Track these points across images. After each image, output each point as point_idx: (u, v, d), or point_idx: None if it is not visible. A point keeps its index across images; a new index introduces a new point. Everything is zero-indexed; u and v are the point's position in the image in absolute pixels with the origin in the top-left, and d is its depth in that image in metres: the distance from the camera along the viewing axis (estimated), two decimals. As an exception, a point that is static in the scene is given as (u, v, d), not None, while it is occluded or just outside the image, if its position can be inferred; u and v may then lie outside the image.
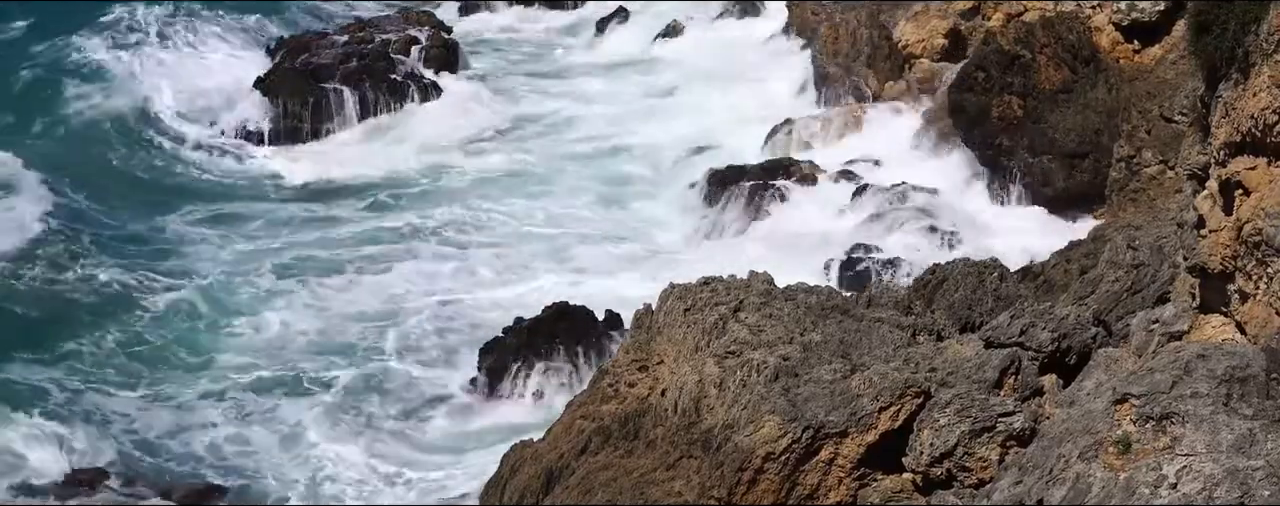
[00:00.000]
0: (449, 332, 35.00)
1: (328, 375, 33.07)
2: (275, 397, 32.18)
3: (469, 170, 45.06)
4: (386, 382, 32.87)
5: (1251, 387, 12.69)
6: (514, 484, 22.90)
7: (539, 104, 50.24)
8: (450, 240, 40.12)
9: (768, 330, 20.84)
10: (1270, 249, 14.37)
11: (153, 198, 42.64)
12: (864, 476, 18.60)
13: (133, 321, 35.23)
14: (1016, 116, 38.49)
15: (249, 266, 38.16)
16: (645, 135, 46.68)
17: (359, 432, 30.97)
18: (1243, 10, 14.74)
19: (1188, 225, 16.35)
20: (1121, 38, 37.84)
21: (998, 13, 41.14)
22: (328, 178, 44.57)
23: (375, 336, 34.74)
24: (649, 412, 21.43)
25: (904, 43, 43.17)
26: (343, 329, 35.17)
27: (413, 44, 51.65)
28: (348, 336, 34.86)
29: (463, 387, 32.61)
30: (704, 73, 50.51)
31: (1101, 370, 16.87)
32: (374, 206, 42.56)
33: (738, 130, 45.01)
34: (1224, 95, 15.08)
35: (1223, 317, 15.80)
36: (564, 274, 37.81)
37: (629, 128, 47.44)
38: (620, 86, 51.64)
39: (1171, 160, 30.60)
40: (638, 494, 20.02)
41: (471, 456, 30.09)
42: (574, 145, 46.69)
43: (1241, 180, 14.81)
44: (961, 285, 23.63)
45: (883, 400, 18.51)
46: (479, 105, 49.52)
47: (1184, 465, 12.07)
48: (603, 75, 52.92)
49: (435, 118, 48.35)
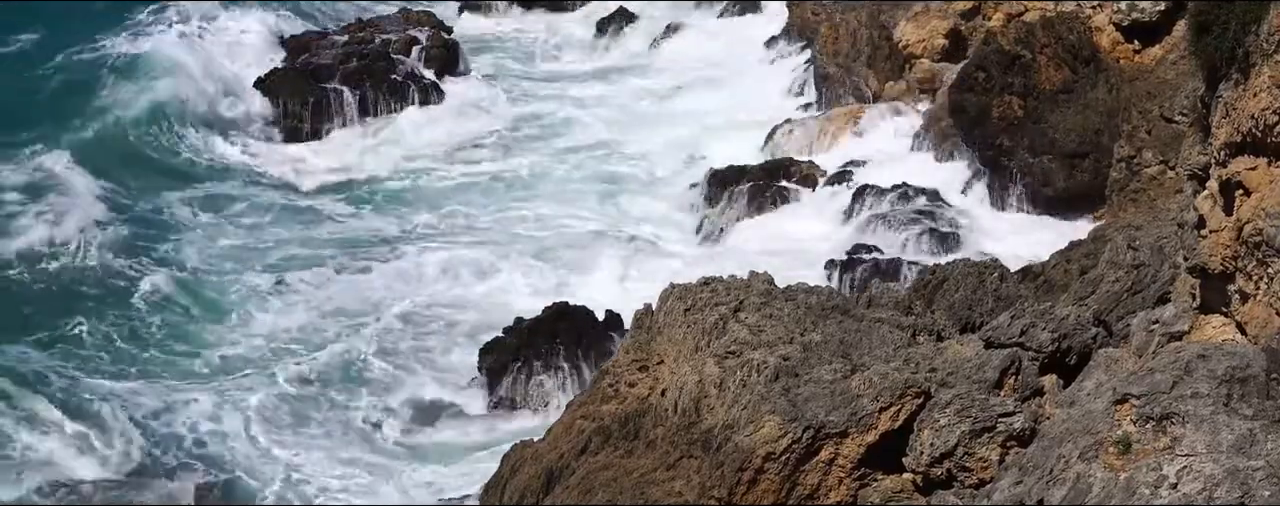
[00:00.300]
0: (442, 331, 35.12)
1: (312, 369, 33.25)
2: (254, 392, 32.25)
3: (467, 170, 45.09)
4: (372, 380, 32.99)
5: (1252, 388, 12.69)
6: (514, 484, 22.90)
7: (538, 105, 50.28)
8: (449, 239, 40.17)
9: (768, 330, 20.84)
10: (1271, 249, 14.36)
11: (147, 192, 42.77)
12: (864, 476, 18.59)
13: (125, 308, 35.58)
14: (1017, 116, 38.49)
15: (243, 261, 38.34)
16: (645, 135, 46.72)
17: (332, 429, 31.04)
18: (1243, 10, 14.74)
19: (1188, 225, 16.34)
20: (1122, 38, 37.84)
21: (998, 13, 41.15)
22: (326, 175, 44.57)
23: (355, 332, 34.88)
24: (649, 412, 21.43)
25: (904, 43, 43.17)
26: (323, 326, 35.30)
27: (413, 44, 51.69)
28: (328, 332, 35.00)
29: (459, 387, 32.69)
30: (704, 74, 50.52)
31: (1102, 370, 16.86)
32: (370, 204, 42.64)
33: (738, 131, 45.02)
34: (1224, 95, 15.07)
35: (1223, 318, 15.80)
36: (565, 275, 37.82)
37: (629, 128, 47.48)
38: (620, 87, 51.68)
39: (1172, 160, 30.59)
40: (638, 494, 20.02)
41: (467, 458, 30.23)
42: (573, 146, 46.72)
43: (1242, 180, 14.81)
44: (961, 285, 23.63)
45: (883, 400, 18.51)
46: (478, 106, 49.53)
47: (1184, 465, 12.07)
48: (603, 76, 52.97)
49: (435, 118, 48.37)
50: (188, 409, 31.41)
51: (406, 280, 37.47)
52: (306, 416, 31.55)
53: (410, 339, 34.81)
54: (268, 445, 30.39)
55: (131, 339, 34.47)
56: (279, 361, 33.64)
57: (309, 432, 31.02)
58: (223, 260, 38.51)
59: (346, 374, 33.27)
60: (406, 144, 46.74)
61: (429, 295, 36.74)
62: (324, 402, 32.08)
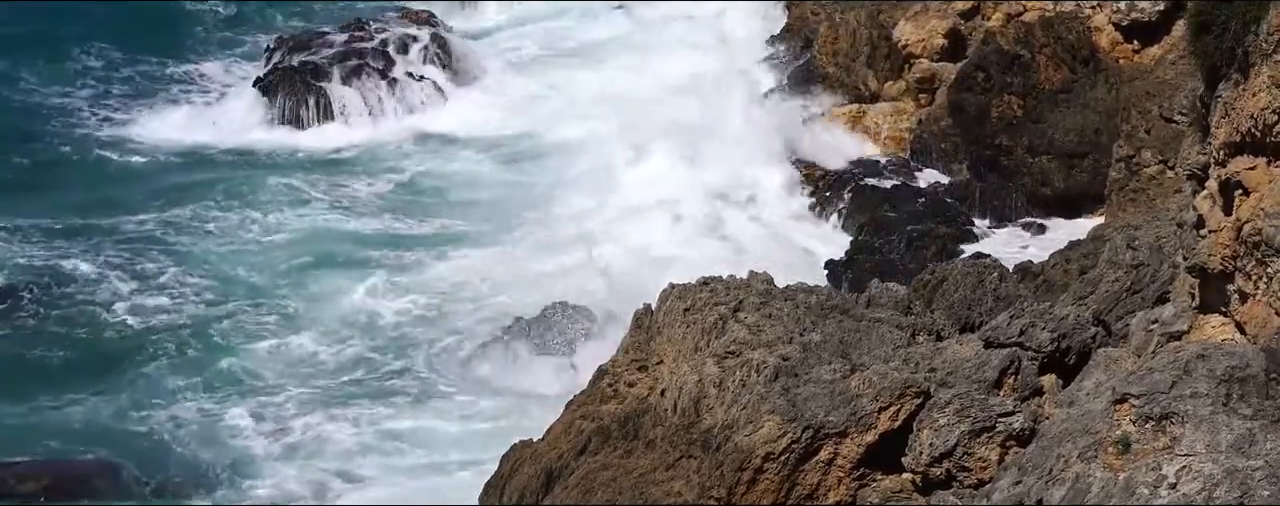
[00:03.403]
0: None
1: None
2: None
3: (465, 170, 45.05)
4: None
5: (1251, 387, 12.69)
6: (513, 484, 22.88)
7: (538, 105, 50.21)
8: (448, 239, 40.17)
9: (767, 330, 20.83)
10: (1270, 249, 14.36)
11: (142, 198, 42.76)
12: (863, 476, 18.59)
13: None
14: (1016, 116, 38.52)
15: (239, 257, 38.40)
16: (645, 136, 46.65)
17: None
18: (1243, 10, 14.73)
19: (1187, 225, 16.34)
20: (1121, 38, 37.88)
21: (997, 13, 41.16)
22: (326, 174, 44.60)
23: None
24: (648, 412, 21.42)
25: (903, 43, 43.16)
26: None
27: (412, 43, 51.62)
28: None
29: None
30: (704, 74, 50.43)
31: (1101, 370, 16.86)
32: (368, 203, 42.63)
33: (738, 130, 44.94)
34: (1223, 95, 15.07)
35: (1222, 318, 15.79)
36: (563, 276, 37.78)
37: (629, 130, 47.39)
38: (621, 87, 51.58)
39: (1171, 160, 30.61)
40: (637, 494, 20.01)
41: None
42: (572, 146, 46.64)
43: (1241, 180, 14.81)
44: (961, 285, 23.60)
45: (882, 400, 18.50)
46: (478, 106, 49.52)
47: (1183, 465, 12.07)
48: (602, 77, 52.88)
49: (435, 118, 48.38)
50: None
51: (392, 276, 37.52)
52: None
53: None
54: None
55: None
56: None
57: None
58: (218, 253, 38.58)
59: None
60: (404, 144, 46.77)
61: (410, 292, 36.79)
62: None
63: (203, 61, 53.06)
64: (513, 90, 51.42)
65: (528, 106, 49.97)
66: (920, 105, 42.80)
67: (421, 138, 47.29)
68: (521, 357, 32.40)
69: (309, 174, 44.32)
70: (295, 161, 45.50)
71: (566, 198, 41.63)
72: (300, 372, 32.68)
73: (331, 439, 30.02)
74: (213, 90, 50.44)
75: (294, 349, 33.58)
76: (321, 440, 29.98)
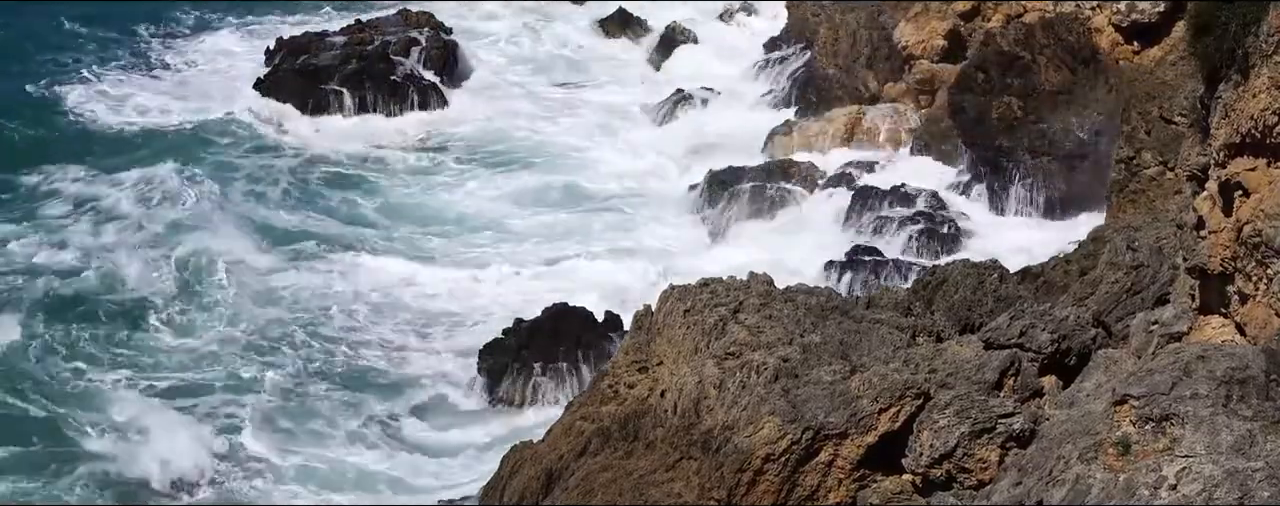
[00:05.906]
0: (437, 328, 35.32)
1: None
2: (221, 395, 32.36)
3: (463, 170, 45.06)
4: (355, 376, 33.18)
5: (1251, 389, 12.69)
6: (514, 485, 22.88)
7: (537, 106, 50.23)
8: (447, 238, 40.22)
9: (767, 331, 20.82)
10: (1270, 250, 14.37)
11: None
12: (864, 477, 18.59)
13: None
14: (1016, 117, 38.51)
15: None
16: (645, 135, 46.69)
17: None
18: (1243, 11, 14.75)
19: (1187, 226, 16.35)
20: (1121, 39, 37.86)
21: (997, 14, 41.17)
22: (324, 172, 44.63)
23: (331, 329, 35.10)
24: (649, 414, 21.41)
25: (904, 44, 43.17)
26: (294, 321, 35.48)
27: (412, 45, 51.58)
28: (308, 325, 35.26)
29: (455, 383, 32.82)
30: (704, 73, 50.48)
31: (1101, 371, 16.87)
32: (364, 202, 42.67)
33: (737, 131, 44.98)
34: (1224, 96, 15.08)
35: (1222, 319, 15.80)
36: (563, 275, 37.83)
37: (629, 129, 47.44)
38: (621, 87, 51.64)
39: (1171, 161, 30.61)
40: (637, 495, 20.01)
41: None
42: (571, 146, 46.67)
43: (1241, 181, 14.82)
44: (961, 286, 23.61)
45: (882, 401, 18.50)
46: (477, 107, 49.53)
47: (1184, 466, 12.07)
48: (602, 76, 52.93)
49: (434, 118, 48.37)
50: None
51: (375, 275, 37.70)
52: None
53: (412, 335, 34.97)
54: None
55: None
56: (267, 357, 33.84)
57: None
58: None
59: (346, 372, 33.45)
60: (403, 144, 46.78)
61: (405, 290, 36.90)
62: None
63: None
64: (513, 90, 51.43)
65: (528, 107, 50.01)
66: (920, 106, 42.84)
67: (421, 138, 47.27)
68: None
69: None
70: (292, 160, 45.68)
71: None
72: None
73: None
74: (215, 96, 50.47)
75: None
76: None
